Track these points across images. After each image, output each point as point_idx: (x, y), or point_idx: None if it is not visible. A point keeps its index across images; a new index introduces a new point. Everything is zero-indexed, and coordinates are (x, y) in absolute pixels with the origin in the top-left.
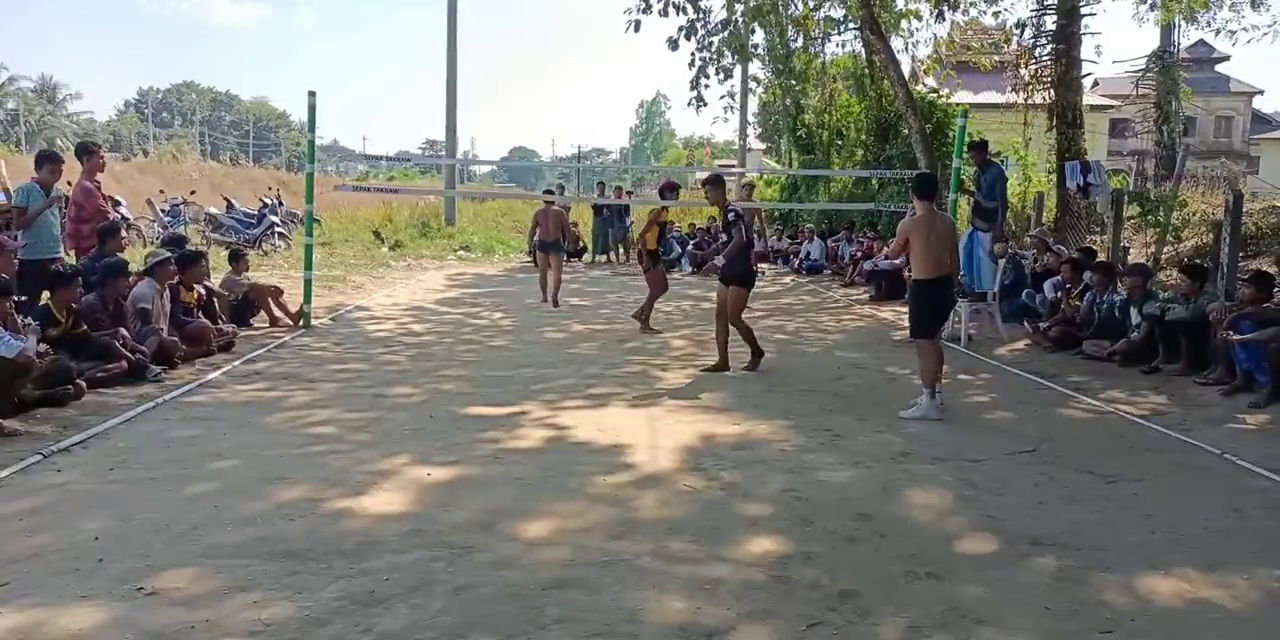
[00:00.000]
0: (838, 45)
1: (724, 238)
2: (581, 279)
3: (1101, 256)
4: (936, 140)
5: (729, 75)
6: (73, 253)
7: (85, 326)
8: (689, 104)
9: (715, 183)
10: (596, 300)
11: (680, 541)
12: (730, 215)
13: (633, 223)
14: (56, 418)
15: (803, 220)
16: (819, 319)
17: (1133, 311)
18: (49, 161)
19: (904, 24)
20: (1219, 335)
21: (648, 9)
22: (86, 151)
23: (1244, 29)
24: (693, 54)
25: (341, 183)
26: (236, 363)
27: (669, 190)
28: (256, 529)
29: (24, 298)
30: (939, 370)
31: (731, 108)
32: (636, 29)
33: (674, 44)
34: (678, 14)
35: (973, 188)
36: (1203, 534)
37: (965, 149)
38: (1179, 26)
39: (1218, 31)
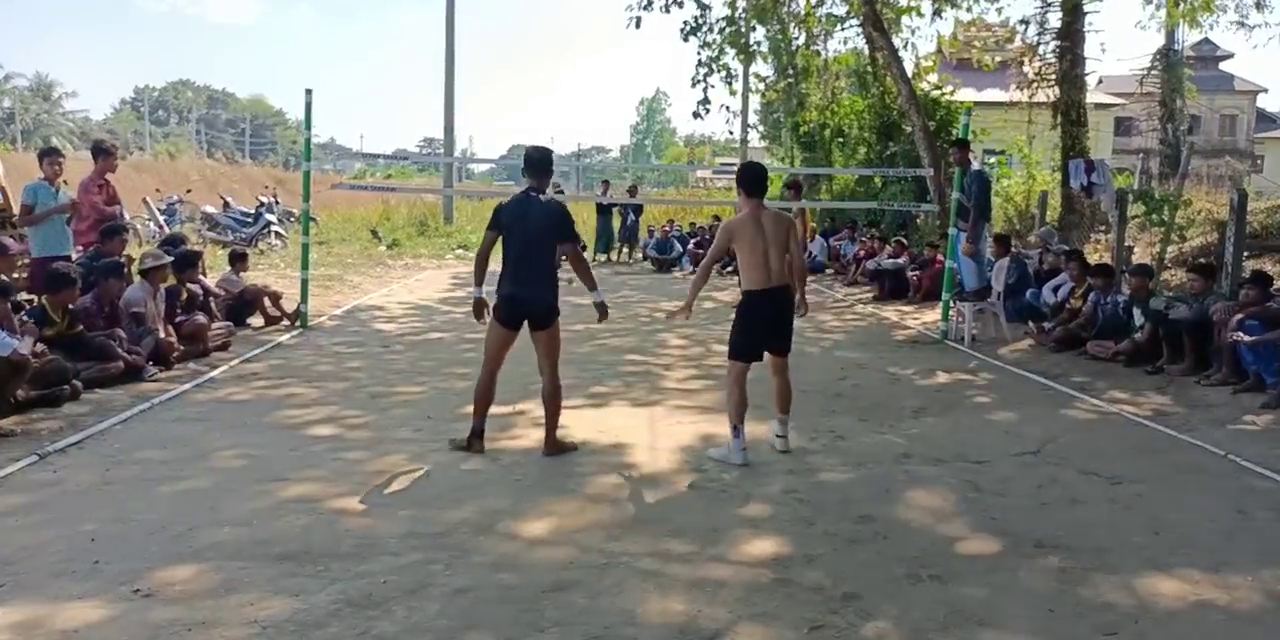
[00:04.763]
0: (840, 42)
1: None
2: None
3: (1106, 256)
4: (940, 138)
5: (731, 76)
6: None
7: (81, 327)
8: (694, 116)
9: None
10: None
11: (680, 543)
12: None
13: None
14: (53, 418)
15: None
16: (821, 318)
17: (1136, 312)
18: (48, 156)
19: (904, 20)
20: (1227, 337)
21: (649, 6)
22: (104, 152)
23: (1260, 26)
24: (698, 52)
25: (339, 181)
26: (233, 362)
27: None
28: (253, 529)
29: (33, 298)
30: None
31: (733, 117)
32: (637, 25)
33: (689, 33)
34: (680, 9)
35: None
36: (1207, 535)
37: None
38: (1184, 25)
39: (1240, 28)
